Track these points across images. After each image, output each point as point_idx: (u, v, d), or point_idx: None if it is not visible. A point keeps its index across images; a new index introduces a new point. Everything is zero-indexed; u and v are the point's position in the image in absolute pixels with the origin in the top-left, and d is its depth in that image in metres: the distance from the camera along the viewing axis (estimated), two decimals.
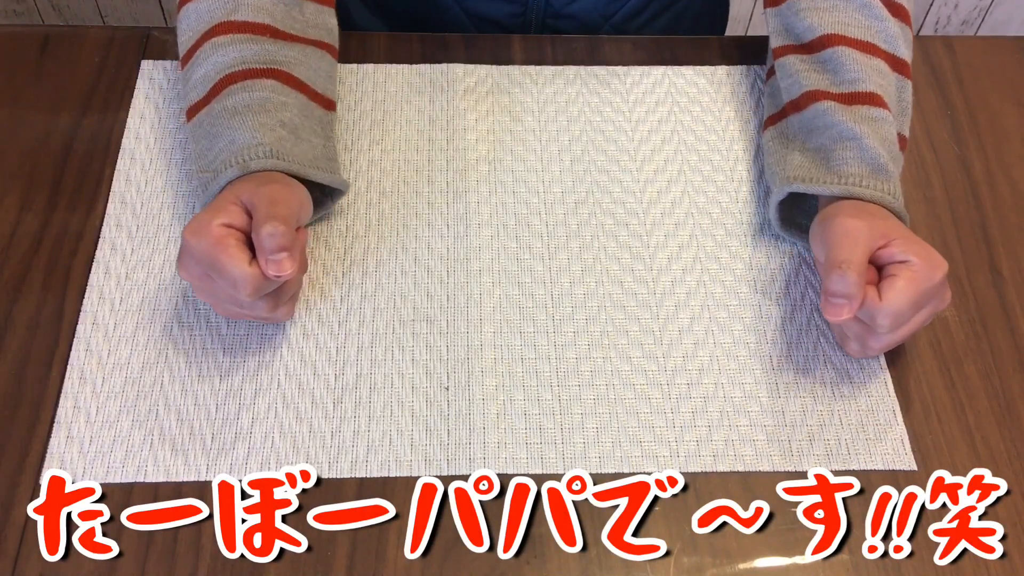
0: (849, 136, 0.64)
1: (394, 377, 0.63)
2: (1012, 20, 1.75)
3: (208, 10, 0.66)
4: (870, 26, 0.69)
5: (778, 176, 0.67)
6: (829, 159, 0.65)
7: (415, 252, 0.68)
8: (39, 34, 0.79)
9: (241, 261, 0.56)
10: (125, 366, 0.63)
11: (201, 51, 0.66)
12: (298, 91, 0.66)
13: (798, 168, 0.66)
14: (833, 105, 0.66)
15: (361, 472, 0.59)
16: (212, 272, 0.57)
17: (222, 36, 0.65)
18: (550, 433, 0.61)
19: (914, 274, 0.58)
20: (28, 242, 0.67)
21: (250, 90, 0.63)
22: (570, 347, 0.64)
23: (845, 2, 0.69)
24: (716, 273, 0.68)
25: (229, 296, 0.58)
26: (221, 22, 0.66)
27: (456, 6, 0.87)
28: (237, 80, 0.63)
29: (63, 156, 0.72)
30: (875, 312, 0.57)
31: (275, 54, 0.65)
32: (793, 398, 0.63)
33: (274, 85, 0.64)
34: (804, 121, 0.68)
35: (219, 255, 0.56)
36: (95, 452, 0.59)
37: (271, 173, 0.61)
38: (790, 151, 0.68)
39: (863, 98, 0.66)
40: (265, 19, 0.66)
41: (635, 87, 0.78)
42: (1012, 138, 0.77)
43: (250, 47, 0.65)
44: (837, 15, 0.69)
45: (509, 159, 0.73)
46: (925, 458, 0.61)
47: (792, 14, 0.71)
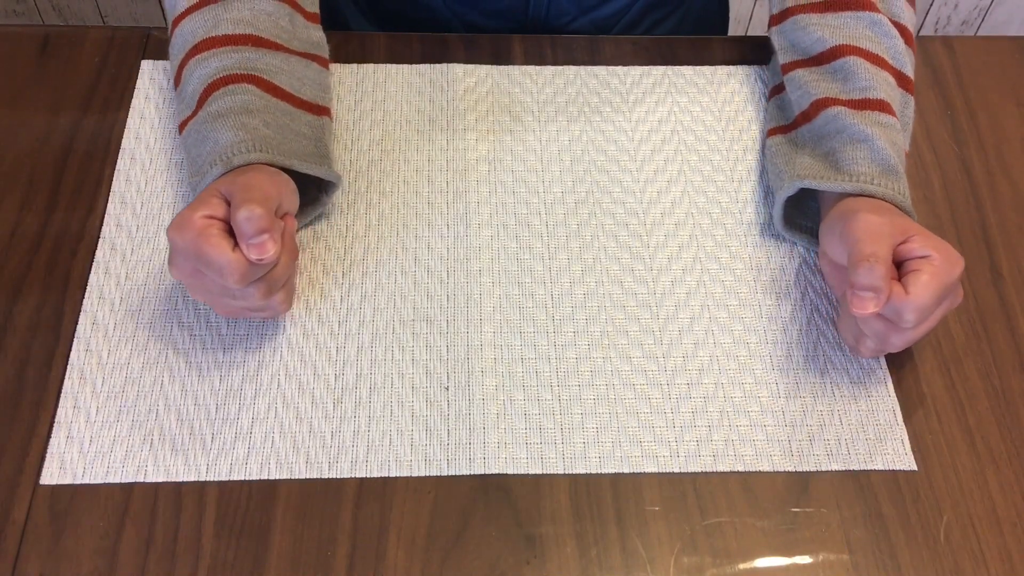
0: (860, 138, 0.65)
1: (394, 377, 0.63)
2: (1012, 20, 1.75)
3: (191, 30, 0.67)
4: (880, 41, 0.69)
5: (786, 174, 0.67)
6: (840, 159, 0.65)
7: (415, 252, 0.68)
8: (39, 34, 0.79)
9: (224, 248, 0.56)
10: (125, 366, 0.63)
11: (187, 69, 0.67)
12: (279, 99, 0.66)
13: (808, 168, 0.66)
14: (843, 110, 0.66)
15: (361, 472, 0.59)
16: (200, 265, 0.57)
17: (204, 51, 0.66)
18: (550, 433, 0.61)
19: (936, 268, 0.57)
20: (28, 242, 0.67)
21: (232, 94, 0.64)
22: (570, 347, 0.64)
23: (855, 19, 0.70)
24: (716, 273, 0.68)
25: (221, 288, 0.58)
26: (203, 39, 0.66)
27: (455, 19, 0.87)
28: (219, 87, 0.64)
29: (63, 156, 0.72)
30: (902, 307, 0.57)
31: (255, 62, 0.66)
32: (793, 398, 0.63)
33: (254, 90, 0.64)
34: (814, 129, 0.68)
35: (202, 245, 0.56)
36: (95, 452, 0.59)
37: (254, 166, 0.61)
38: (799, 155, 0.68)
39: (873, 104, 0.66)
40: (247, 30, 0.67)
41: (635, 87, 0.78)
42: (1012, 138, 0.77)
43: (231, 56, 0.65)
44: (847, 30, 0.70)
45: (509, 159, 0.73)
46: (925, 458, 0.61)
47: (799, 29, 0.72)
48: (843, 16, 0.70)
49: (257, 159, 0.61)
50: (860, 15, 0.70)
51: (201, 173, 0.62)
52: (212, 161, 0.61)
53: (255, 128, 0.62)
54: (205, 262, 0.56)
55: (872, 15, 0.70)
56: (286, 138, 0.64)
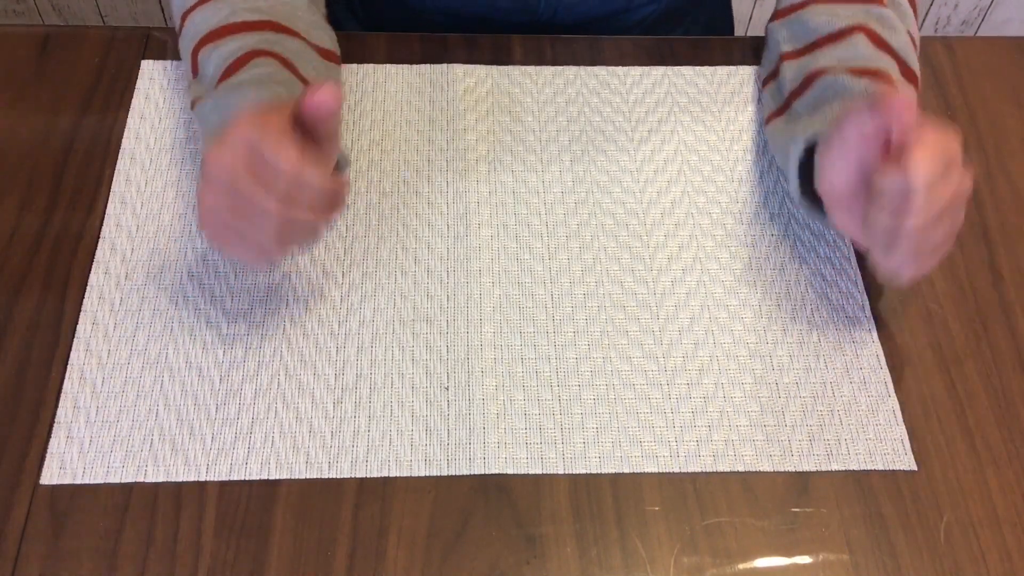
0: (863, 93, 0.64)
1: (394, 377, 0.63)
2: (1012, 20, 1.75)
3: (205, 19, 0.66)
4: (888, 37, 0.69)
5: (792, 145, 0.66)
6: (838, 112, 0.64)
7: (415, 252, 0.68)
8: (39, 34, 0.79)
9: (290, 136, 0.53)
10: (125, 366, 0.63)
11: (202, 53, 0.66)
12: (298, 79, 0.65)
13: (810, 124, 0.65)
14: (841, 77, 0.65)
15: (361, 472, 0.59)
16: (254, 156, 0.53)
17: (224, 36, 0.65)
18: (550, 433, 0.61)
19: (927, 137, 0.55)
20: (28, 242, 0.67)
21: (255, 67, 0.62)
22: (570, 347, 0.64)
23: (864, 13, 0.70)
24: (716, 273, 0.68)
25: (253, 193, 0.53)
26: (220, 26, 0.65)
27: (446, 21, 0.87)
28: (243, 63, 0.63)
29: (63, 156, 0.72)
30: (903, 180, 0.54)
31: (275, 45, 0.65)
32: (793, 398, 0.63)
33: (277, 65, 0.63)
34: (808, 99, 0.67)
35: (267, 128, 0.53)
36: (95, 452, 0.59)
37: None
38: (799, 124, 0.67)
39: (872, 73, 0.65)
40: (264, 17, 0.66)
41: (635, 87, 0.78)
42: (1012, 138, 0.77)
43: (252, 37, 0.64)
44: (857, 19, 0.69)
45: (509, 159, 0.73)
46: (925, 458, 0.61)
47: (807, 19, 0.71)
48: (853, 7, 0.70)
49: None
50: (870, 8, 0.69)
51: (217, 137, 0.59)
52: (236, 117, 0.57)
53: (279, 94, 0.61)
54: (265, 144, 0.52)
55: (881, 9, 0.69)
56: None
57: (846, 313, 0.67)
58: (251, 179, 0.53)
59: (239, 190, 0.53)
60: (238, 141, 0.53)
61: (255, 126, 0.53)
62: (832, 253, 0.69)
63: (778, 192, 0.72)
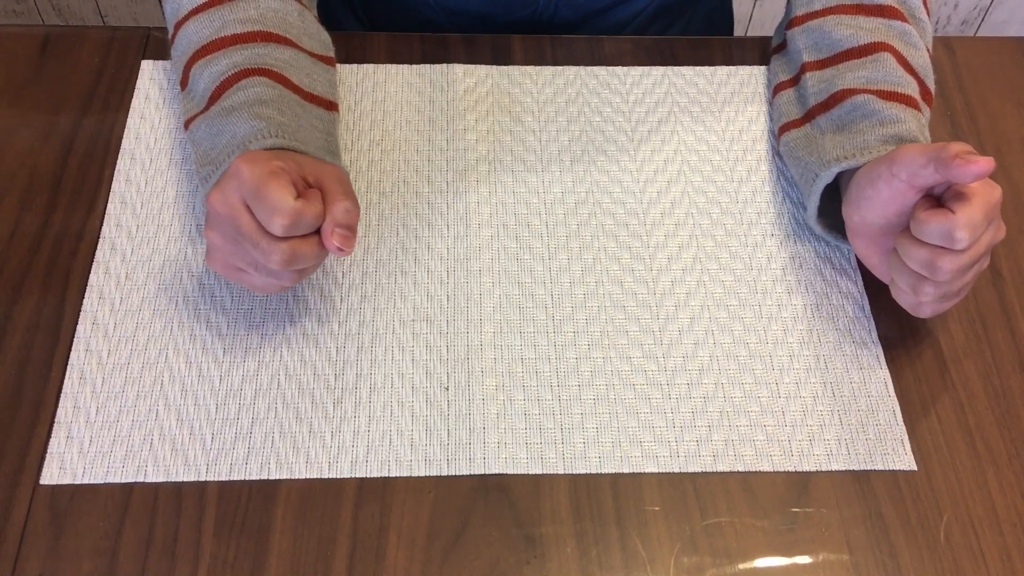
0: (892, 120, 0.64)
1: (394, 377, 0.63)
2: (1012, 20, 1.75)
3: (196, 31, 0.67)
4: (911, 54, 0.69)
5: (816, 163, 0.66)
6: (869, 139, 0.64)
7: (415, 252, 0.68)
8: (39, 34, 0.79)
9: (288, 194, 0.55)
10: (125, 366, 0.63)
11: (194, 69, 0.66)
12: (291, 91, 0.65)
13: (840, 149, 0.65)
14: (872, 98, 0.65)
15: (361, 472, 0.59)
16: (253, 201, 0.56)
17: (213, 52, 0.65)
18: (550, 433, 0.61)
19: (976, 189, 0.57)
20: (28, 242, 0.67)
21: (244, 89, 0.63)
22: (570, 347, 0.64)
23: (887, 28, 0.70)
24: (716, 273, 0.68)
25: (250, 258, 0.57)
26: (210, 40, 0.66)
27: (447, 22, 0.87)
28: (231, 84, 0.64)
29: (63, 156, 0.72)
30: (951, 225, 0.55)
31: (265, 57, 0.65)
32: (793, 398, 0.63)
33: (267, 82, 0.64)
34: (835, 117, 0.67)
35: (270, 182, 0.55)
36: (95, 452, 0.59)
37: (277, 152, 0.60)
38: (824, 141, 0.67)
39: (902, 99, 0.66)
40: (254, 28, 0.66)
41: (635, 87, 0.78)
42: (1012, 139, 0.77)
43: (241, 53, 0.65)
44: (880, 34, 0.69)
45: (509, 159, 0.73)
46: (925, 458, 0.61)
47: (830, 30, 0.71)
48: (875, 20, 0.70)
49: (274, 144, 0.60)
50: (892, 23, 0.70)
51: (215, 163, 0.61)
52: (230, 151, 0.60)
53: (270, 116, 0.62)
54: (262, 198, 0.55)
55: (903, 25, 0.69)
56: (300, 126, 0.63)
57: (846, 313, 0.67)
58: (253, 222, 0.56)
59: (242, 231, 0.56)
60: (241, 183, 0.56)
61: (269, 172, 0.56)
62: (832, 253, 0.69)
63: (778, 192, 0.72)
